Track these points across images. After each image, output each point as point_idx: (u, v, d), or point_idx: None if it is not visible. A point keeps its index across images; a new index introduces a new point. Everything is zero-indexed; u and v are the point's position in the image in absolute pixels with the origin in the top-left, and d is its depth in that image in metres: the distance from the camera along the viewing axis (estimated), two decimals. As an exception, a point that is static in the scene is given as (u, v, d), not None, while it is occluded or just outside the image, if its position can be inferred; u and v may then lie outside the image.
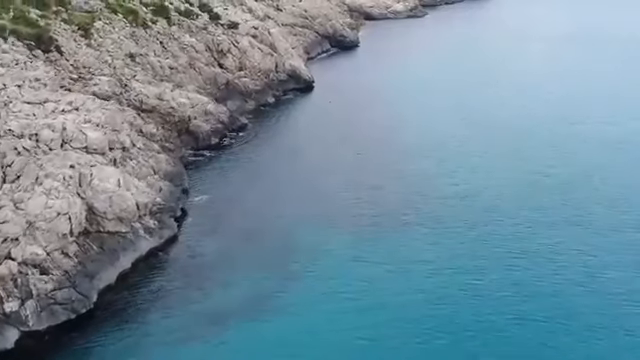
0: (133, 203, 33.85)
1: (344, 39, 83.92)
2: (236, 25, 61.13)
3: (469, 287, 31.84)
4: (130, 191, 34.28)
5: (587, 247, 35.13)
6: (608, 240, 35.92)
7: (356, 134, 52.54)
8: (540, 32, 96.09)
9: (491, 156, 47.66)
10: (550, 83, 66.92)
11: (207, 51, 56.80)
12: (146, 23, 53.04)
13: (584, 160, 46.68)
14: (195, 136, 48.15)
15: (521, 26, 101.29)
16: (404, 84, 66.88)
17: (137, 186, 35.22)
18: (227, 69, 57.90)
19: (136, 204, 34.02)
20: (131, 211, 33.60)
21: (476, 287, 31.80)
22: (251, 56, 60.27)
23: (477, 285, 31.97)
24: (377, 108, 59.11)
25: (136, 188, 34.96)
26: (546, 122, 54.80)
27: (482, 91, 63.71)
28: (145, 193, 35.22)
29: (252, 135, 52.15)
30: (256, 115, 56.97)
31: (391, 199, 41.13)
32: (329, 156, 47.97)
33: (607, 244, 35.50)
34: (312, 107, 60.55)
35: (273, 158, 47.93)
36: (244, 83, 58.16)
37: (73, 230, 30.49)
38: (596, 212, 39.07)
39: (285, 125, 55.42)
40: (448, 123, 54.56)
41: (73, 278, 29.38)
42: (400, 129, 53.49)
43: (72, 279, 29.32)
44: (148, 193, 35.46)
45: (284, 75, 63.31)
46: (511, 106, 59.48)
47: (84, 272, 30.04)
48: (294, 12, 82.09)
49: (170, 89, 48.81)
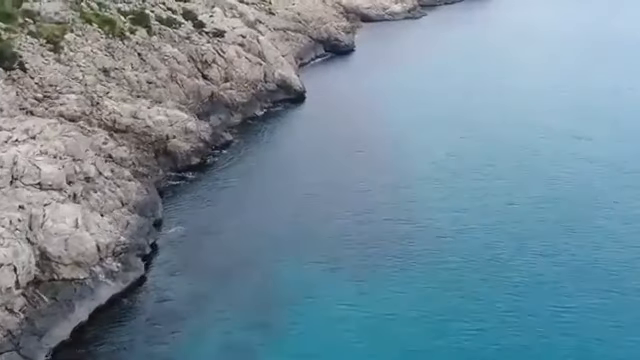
0: (93, 245, 29.95)
1: (339, 43, 79.75)
2: (222, 33, 57.04)
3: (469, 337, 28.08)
4: (90, 231, 30.35)
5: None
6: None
7: (348, 150, 48.63)
8: (542, 34, 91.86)
9: (492, 180, 43.60)
10: (554, 92, 62.83)
11: (190, 62, 52.76)
12: (124, 33, 48.99)
13: (587, 189, 42.67)
14: (174, 157, 44.18)
15: (522, 27, 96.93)
16: (400, 93, 62.69)
17: (99, 223, 31.29)
18: (212, 80, 53.86)
19: (96, 245, 30.11)
20: (90, 254, 29.69)
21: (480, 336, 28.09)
22: (238, 66, 56.22)
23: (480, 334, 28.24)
24: (371, 121, 55.13)
25: (97, 226, 31.02)
26: (550, 137, 50.81)
27: (482, 101, 59.55)
28: (108, 232, 31.28)
29: (237, 153, 48.16)
30: (242, 130, 52.95)
31: (384, 230, 37.21)
32: (318, 177, 44.03)
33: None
34: (302, 120, 56.51)
35: (257, 180, 44.00)
36: (230, 95, 54.14)
37: (20, 281, 26.58)
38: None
39: (272, 141, 51.39)
40: (447, 139, 50.49)
41: (17, 339, 25.50)
42: (396, 146, 49.49)
43: (16, 340, 25.45)
44: (111, 232, 31.52)
45: (273, 85, 59.26)
46: (513, 118, 55.44)
47: (31, 330, 26.18)
48: (287, 16, 77.94)
49: (147, 106, 44.82)
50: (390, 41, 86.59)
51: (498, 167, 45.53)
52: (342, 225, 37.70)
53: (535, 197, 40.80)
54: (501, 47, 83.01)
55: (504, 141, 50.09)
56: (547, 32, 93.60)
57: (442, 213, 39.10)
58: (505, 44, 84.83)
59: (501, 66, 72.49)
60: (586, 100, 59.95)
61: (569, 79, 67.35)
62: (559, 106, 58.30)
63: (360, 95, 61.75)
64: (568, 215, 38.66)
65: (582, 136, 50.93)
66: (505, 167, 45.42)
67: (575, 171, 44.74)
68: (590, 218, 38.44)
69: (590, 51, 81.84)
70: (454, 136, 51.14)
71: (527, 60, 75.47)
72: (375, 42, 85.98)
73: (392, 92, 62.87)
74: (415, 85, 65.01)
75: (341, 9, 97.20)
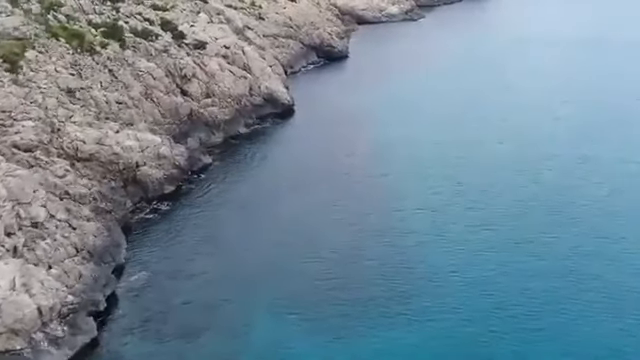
0: (33, 309, 25.68)
1: (332, 50, 75.15)
2: (204, 45, 52.54)
3: None
4: (31, 291, 26.06)
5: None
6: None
7: (336, 174, 44.33)
8: (544, 35, 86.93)
9: (491, 210, 39.20)
10: (558, 102, 58.19)
11: (168, 77, 48.28)
12: (94, 48, 44.51)
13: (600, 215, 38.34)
14: (144, 186, 39.83)
15: (523, 29, 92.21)
16: (395, 107, 58.03)
17: (44, 281, 26.98)
18: (191, 96, 49.42)
19: (38, 309, 25.84)
20: (29, 320, 25.42)
21: None
22: (220, 80, 51.75)
23: None
24: (363, 140, 50.75)
25: (41, 284, 26.72)
26: (556, 158, 46.38)
27: (482, 116, 55.07)
28: (53, 290, 26.96)
29: (215, 178, 43.79)
30: (224, 150, 48.58)
31: (371, 275, 32.94)
32: (302, 207, 39.71)
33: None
34: (289, 138, 52.05)
35: (235, 211, 39.63)
36: (211, 112, 49.71)
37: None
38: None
39: (255, 163, 46.91)
40: (444, 161, 46.09)
41: None
42: (389, 170, 45.05)
43: None
44: (58, 290, 27.20)
45: (259, 99, 54.80)
46: (514, 136, 50.93)
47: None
48: (277, 20, 73.33)
49: (116, 130, 40.41)
50: (386, 46, 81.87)
51: (497, 195, 41.15)
52: (326, 268, 33.33)
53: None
54: (503, 52, 78.24)
55: (506, 165, 45.67)
56: (548, 34, 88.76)
57: (434, 250, 34.84)
58: (507, 49, 80.00)
59: (503, 75, 67.62)
60: (591, 123, 55.30)
61: (576, 90, 62.83)
62: (564, 118, 54.00)
63: (352, 109, 57.12)
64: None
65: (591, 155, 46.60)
66: (508, 197, 40.95)
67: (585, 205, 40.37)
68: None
69: (596, 55, 77.27)
70: (452, 157, 46.71)
71: (530, 68, 70.70)
72: (370, 47, 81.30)
73: (386, 105, 58.27)
74: (410, 97, 60.42)
75: (336, 11, 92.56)
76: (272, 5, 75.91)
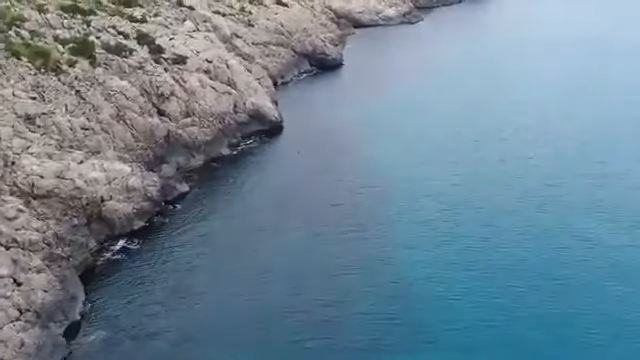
0: (-45, 397, 21.46)
1: (325, 57, 70.65)
2: (184, 59, 48.10)
3: None
4: (-45, 374, 21.85)
5: None
6: None
7: (325, 203, 40.06)
8: (546, 38, 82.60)
9: (488, 246, 34.93)
10: (565, 115, 53.80)
11: (143, 96, 43.92)
12: (60, 67, 40.19)
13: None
14: (110, 223, 35.54)
15: (523, 32, 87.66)
16: (391, 121, 53.67)
17: (-28, 358, 22.76)
18: (169, 116, 45.08)
19: (-39, 396, 21.63)
20: (-50, 411, 21.22)
21: None
22: (201, 97, 47.36)
23: None
24: (356, 161, 46.36)
25: (-31, 363, 22.50)
26: (563, 181, 42.14)
27: (482, 133, 50.70)
28: (-17, 370, 22.75)
29: (191, 210, 39.47)
30: (204, 175, 44.26)
31: (354, 322, 28.84)
32: (285, 247, 35.49)
33: None
34: (275, 159, 47.64)
35: (211, 249, 35.39)
36: (190, 133, 45.37)
37: None
38: None
39: (236, 191, 42.49)
40: (440, 185, 41.80)
41: None
42: (380, 196, 40.73)
43: None
44: (-12, 369, 22.99)
45: (244, 116, 50.41)
46: (516, 154, 46.65)
47: None
48: (268, 27, 68.84)
49: (79, 160, 36.09)
50: (382, 52, 77.38)
51: (493, 222, 36.93)
52: (310, 323, 29.17)
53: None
54: (503, 59, 73.70)
55: (505, 185, 41.48)
56: (550, 37, 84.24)
57: (425, 290, 30.69)
58: (508, 55, 75.48)
59: (504, 85, 63.08)
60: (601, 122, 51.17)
61: (582, 96, 58.42)
62: (571, 133, 49.68)
63: (344, 125, 52.83)
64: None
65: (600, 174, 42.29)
66: (507, 221, 36.79)
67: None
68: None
69: (600, 59, 72.77)
70: (448, 180, 42.42)
71: (534, 78, 66.12)
72: (366, 54, 76.81)
73: (379, 121, 53.76)
74: (405, 112, 55.91)
75: (331, 15, 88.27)
76: (263, 11, 71.48)
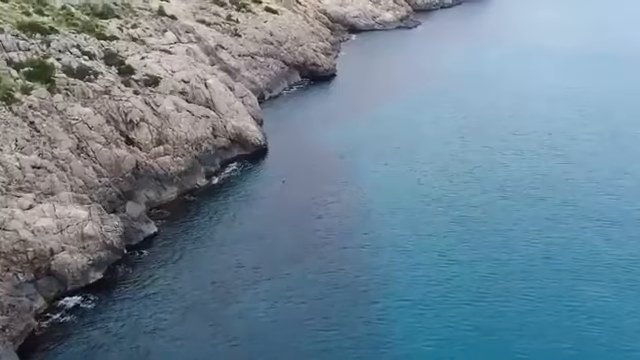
0: None
1: (317, 68, 65.61)
2: (156, 80, 43.13)
3: None
4: None
5: None
6: None
7: (312, 243, 35.41)
8: (550, 45, 77.49)
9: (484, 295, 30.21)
10: (575, 141, 49.00)
11: (109, 124, 39.01)
12: (12, 95, 35.29)
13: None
14: (61, 278, 30.74)
15: (524, 37, 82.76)
16: (384, 142, 48.83)
17: None
18: (139, 145, 40.21)
19: None
20: None
21: None
22: (175, 123, 42.41)
23: None
24: (348, 190, 41.57)
25: None
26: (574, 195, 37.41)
27: (482, 154, 45.83)
28: None
29: (159, 255, 34.60)
30: (176, 210, 39.38)
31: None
32: (265, 295, 30.87)
33: None
34: (257, 190, 42.52)
35: (178, 305, 30.59)
36: (162, 163, 40.49)
37: None
38: None
39: (211, 228, 37.50)
40: (435, 234, 36.89)
41: None
42: (373, 241, 35.92)
43: None
44: None
45: (225, 141, 45.50)
46: (519, 182, 41.88)
47: None
48: (256, 37, 63.79)
49: (27, 205, 31.29)
50: (377, 60, 72.24)
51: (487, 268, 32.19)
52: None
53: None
54: (504, 68, 68.81)
55: (506, 215, 36.70)
56: (555, 41, 79.24)
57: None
58: (508, 63, 70.62)
59: (507, 98, 58.19)
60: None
61: (593, 120, 53.48)
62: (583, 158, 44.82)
63: (334, 147, 47.93)
64: None
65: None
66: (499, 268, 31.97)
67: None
68: None
69: (607, 67, 67.89)
70: (445, 223, 37.57)
71: (538, 89, 61.10)
72: (361, 62, 71.71)
73: (374, 142, 48.94)
74: (401, 133, 50.96)
75: (325, 19, 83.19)
76: (251, 19, 66.38)
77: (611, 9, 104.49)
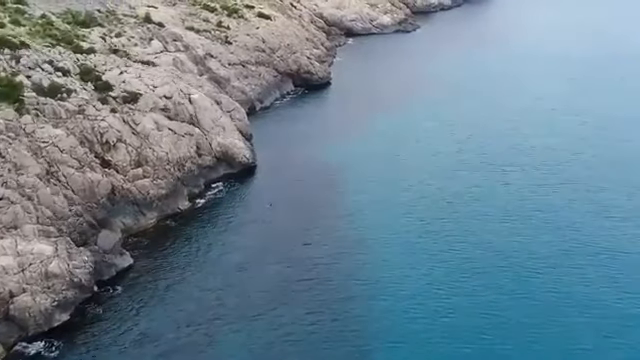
0: None
1: (311, 77, 62.54)
2: (136, 97, 40.05)
3: None
4: None
5: None
6: None
7: (299, 275, 32.53)
8: (553, 48, 74.42)
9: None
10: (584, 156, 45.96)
11: (83, 145, 35.98)
12: (-26, 118, 32.29)
13: None
14: (22, 323, 27.80)
15: (527, 40, 79.69)
16: (378, 160, 45.90)
17: None
18: (116, 168, 37.16)
19: None
20: None
21: None
22: (156, 143, 39.37)
23: None
24: (338, 214, 38.65)
25: None
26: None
27: (485, 180, 42.74)
28: None
29: (133, 291, 31.62)
30: (155, 238, 36.39)
31: None
32: (248, 338, 27.92)
33: None
34: (242, 213, 39.44)
35: (153, 349, 27.62)
36: (142, 187, 37.47)
37: None
38: None
39: (192, 258, 34.50)
40: (431, 247, 34.04)
41: None
42: (364, 272, 32.98)
43: None
44: None
45: (210, 159, 42.50)
46: (521, 204, 38.89)
47: None
48: (247, 44, 60.66)
49: (-14, 243, 28.33)
50: (375, 67, 69.11)
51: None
52: None
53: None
54: (506, 74, 65.64)
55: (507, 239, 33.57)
56: (556, 43, 76.29)
57: None
58: (511, 69, 67.42)
59: (509, 112, 55.04)
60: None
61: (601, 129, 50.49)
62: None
63: (325, 165, 44.95)
64: None
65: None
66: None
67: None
68: None
69: (614, 72, 64.84)
70: (440, 239, 34.70)
71: (538, 95, 57.96)
72: (357, 69, 68.63)
73: (367, 160, 45.99)
74: (396, 148, 47.91)
75: (321, 23, 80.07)
76: (243, 25, 63.26)
77: (617, 8, 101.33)
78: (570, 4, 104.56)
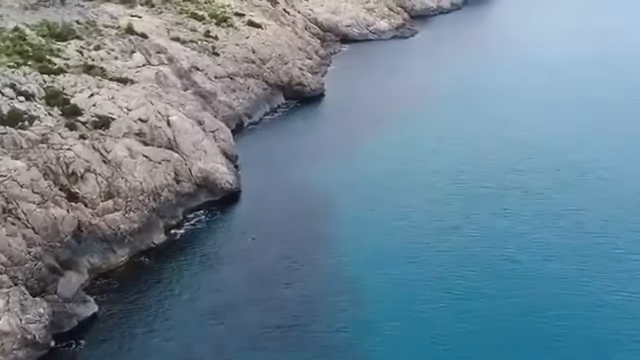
0: None
1: (303, 89, 58.92)
2: (107, 122, 36.53)
3: None
4: None
5: None
6: None
7: (277, 322, 29.25)
8: (558, 54, 70.59)
9: None
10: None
11: (46, 178, 32.52)
12: None
13: None
14: (-37, 391, 24.45)
15: (531, 46, 75.68)
16: (374, 184, 42.34)
17: None
18: (85, 200, 33.70)
19: None
20: None
21: None
22: (129, 172, 35.88)
23: None
24: (327, 247, 35.26)
25: None
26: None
27: (484, 208, 39.18)
28: None
29: (94, 347, 28.15)
30: (126, 278, 32.95)
31: None
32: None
33: None
34: (222, 249, 35.69)
35: None
36: (112, 222, 34.00)
37: None
38: None
39: (165, 301, 31.03)
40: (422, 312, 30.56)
41: None
42: (353, 318, 29.58)
43: None
44: None
45: (190, 186, 39.04)
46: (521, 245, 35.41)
47: None
48: (236, 55, 57.05)
49: None
50: (370, 77, 65.34)
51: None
52: None
53: None
54: (513, 84, 61.57)
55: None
56: (560, 49, 72.46)
57: None
58: (517, 78, 63.46)
59: (511, 124, 51.45)
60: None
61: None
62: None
63: (313, 191, 41.37)
64: None
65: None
66: None
67: None
68: None
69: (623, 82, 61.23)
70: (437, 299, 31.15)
71: (546, 111, 54.27)
72: (352, 79, 64.91)
73: (361, 182, 42.51)
74: (394, 169, 44.31)
75: (316, 29, 76.41)
76: (232, 34, 59.64)
77: (622, 9, 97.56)
78: (573, 4, 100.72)
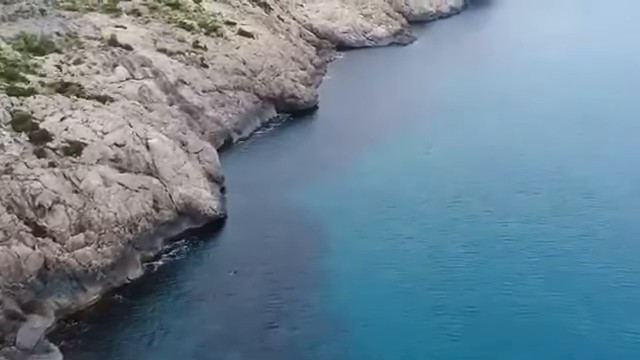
0: None
1: (296, 101, 56.00)
2: (79, 148, 33.62)
3: None
4: None
5: None
6: None
7: None
8: (563, 61, 67.69)
9: None
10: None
11: (10, 211, 29.73)
12: None
13: None
14: None
15: (533, 51, 72.69)
16: (370, 205, 39.53)
17: None
18: (53, 235, 30.87)
19: None
20: None
21: None
22: (102, 201, 32.99)
23: None
24: (314, 283, 32.49)
25: None
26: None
27: (484, 235, 36.35)
28: None
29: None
30: (96, 321, 30.06)
31: None
32: None
33: None
34: (201, 284, 32.71)
35: None
36: (82, 257, 31.16)
37: None
38: None
39: (137, 349, 28.31)
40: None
41: None
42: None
43: None
44: None
45: (170, 214, 36.18)
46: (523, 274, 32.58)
47: None
48: (226, 67, 54.10)
49: None
50: (367, 87, 62.45)
51: None
52: None
53: None
54: (516, 95, 58.41)
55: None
56: (563, 54, 69.64)
57: None
58: (520, 87, 60.45)
59: (513, 139, 48.58)
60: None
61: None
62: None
63: (302, 216, 38.59)
64: None
65: None
66: None
67: None
68: None
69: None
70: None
71: (551, 127, 51.28)
72: (347, 89, 61.99)
73: (353, 206, 39.61)
74: (388, 191, 41.41)
75: (312, 37, 73.48)
76: (221, 44, 56.69)
77: (622, 9, 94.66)
78: (577, 6, 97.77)
